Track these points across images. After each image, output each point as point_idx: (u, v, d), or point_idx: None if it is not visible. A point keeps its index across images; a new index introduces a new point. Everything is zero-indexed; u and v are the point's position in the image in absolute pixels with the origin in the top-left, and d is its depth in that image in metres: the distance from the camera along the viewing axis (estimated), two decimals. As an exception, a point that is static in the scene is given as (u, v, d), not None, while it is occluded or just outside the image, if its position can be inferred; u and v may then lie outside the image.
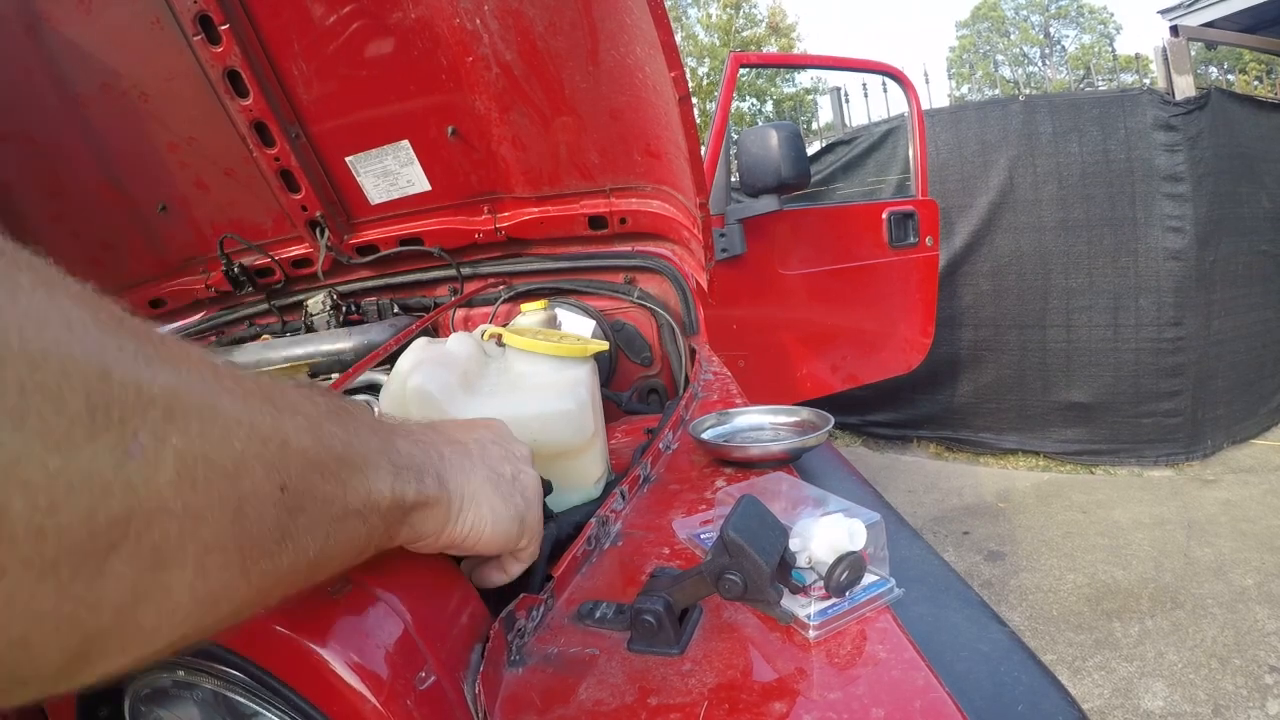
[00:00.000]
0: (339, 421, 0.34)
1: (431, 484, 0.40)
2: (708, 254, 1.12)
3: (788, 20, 17.65)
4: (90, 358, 0.21)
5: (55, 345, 0.20)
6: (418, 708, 0.38)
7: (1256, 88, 5.42)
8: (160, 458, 0.23)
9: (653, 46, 0.90)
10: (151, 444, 0.23)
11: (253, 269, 1.48)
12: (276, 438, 0.29)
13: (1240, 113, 3.42)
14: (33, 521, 0.19)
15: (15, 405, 0.19)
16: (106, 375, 0.22)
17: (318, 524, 0.31)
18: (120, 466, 0.21)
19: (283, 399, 0.31)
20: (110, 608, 0.22)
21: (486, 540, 0.44)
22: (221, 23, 1.10)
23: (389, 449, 0.38)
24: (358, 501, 0.34)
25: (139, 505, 0.22)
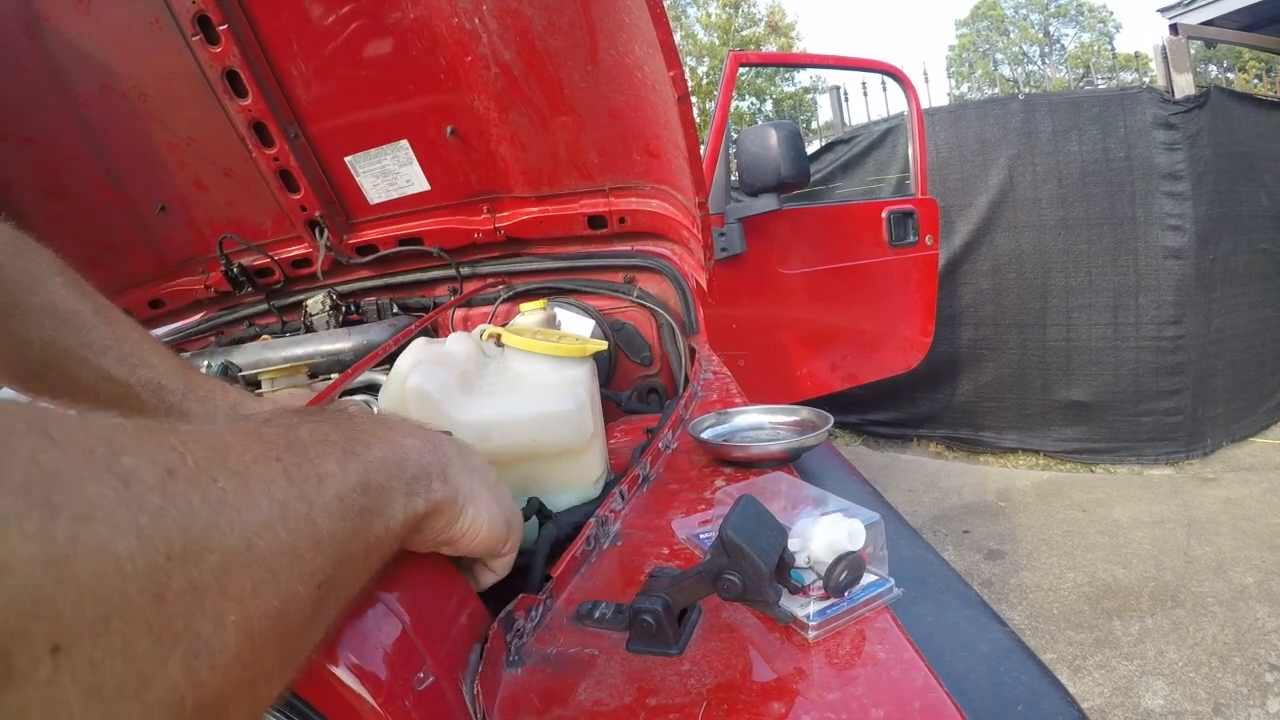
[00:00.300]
0: (355, 457, 0.35)
1: (439, 486, 0.41)
2: (707, 253, 1.12)
3: (787, 19, 17.65)
4: (143, 589, 0.21)
5: (114, 589, 0.20)
6: (416, 708, 0.38)
7: (1256, 86, 5.42)
8: (222, 640, 0.23)
9: (652, 46, 0.90)
10: (214, 633, 0.23)
11: (252, 269, 1.48)
12: (311, 544, 0.29)
13: (1240, 111, 3.42)
14: None
15: (91, 683, 0.19)
16: (161, 597, 0.21)
17: (346, 586, 0.32)
18: (190, 670, 0.22)
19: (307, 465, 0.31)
20: None
21: (480, 540, 0.45)
22: (220, 23, 1.10)
23: (401, 464, 0.38)
24: (377, 541, 0.35)
25: (207, 693, 0.22)
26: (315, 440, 0.34)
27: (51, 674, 0.18)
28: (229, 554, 0.24)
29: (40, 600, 0.18)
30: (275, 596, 0.26)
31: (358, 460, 0.35)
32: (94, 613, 0.19)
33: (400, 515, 0.37)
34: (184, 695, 0.21)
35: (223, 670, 0.23)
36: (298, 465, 0.31)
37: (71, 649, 0.18)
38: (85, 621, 0.19)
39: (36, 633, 0.18)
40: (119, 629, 0.20)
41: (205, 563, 0.23)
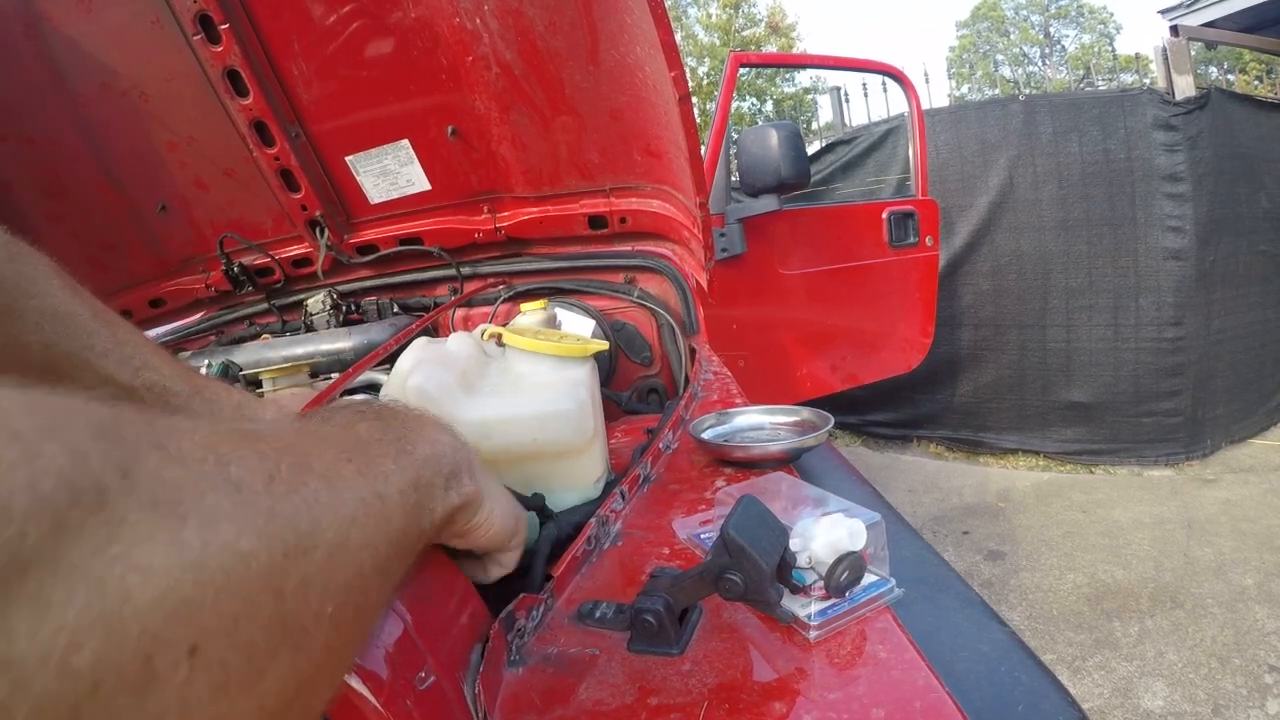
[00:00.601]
0: (407, 455, 0.37)
1: (468, 482, 0.43)
2: (708, 254, 1.12)
3: (787, 20, 17.65)
4: (266, 586, 0.22)
5: (246, 598, 0.21)
6: (417, 708, 0.38)
7: (1256, 87, 5.42)
8: (319, 633, 0.24)
9: (653, 46, 0.90)
10: (314, 626, 0.24)
11: (253, 269, 1.48)
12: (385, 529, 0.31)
13: (1240, 112, 3.42)
14: None
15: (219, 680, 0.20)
16: (280, 594, 0.22)
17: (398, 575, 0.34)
18: (294, 664, 0.23)
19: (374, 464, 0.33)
20: None
21: (493, 534, 0.46)
22: (221, 22, 1.10)
23: (441, 461, 0.41)
24: (422, 533, 0.37)
25: (304, 685, 0.24)
26: (374, 439, 0.36)
27: (188, 675, 0.19)
28: (331, 548, 0.26)
29: (181, 603, 0.19)
30: (360, 590, 0.28)
31: (409, 459, 0.37)
32: (227, 612, 0.20)
33: (440, 509, 0.39)
34: (285, 685, 0.23)
35: (315, 660, 0.24)
36: (367, 465, 0.33)
37: (206, 649, 0.19)
38: (219, 621, 0.20)
39: (177, 636, 0.18)
40: (245, 627, 0.21)
41: (313, 558, 0.25)
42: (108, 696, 0.17)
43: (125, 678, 0.17)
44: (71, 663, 0.16)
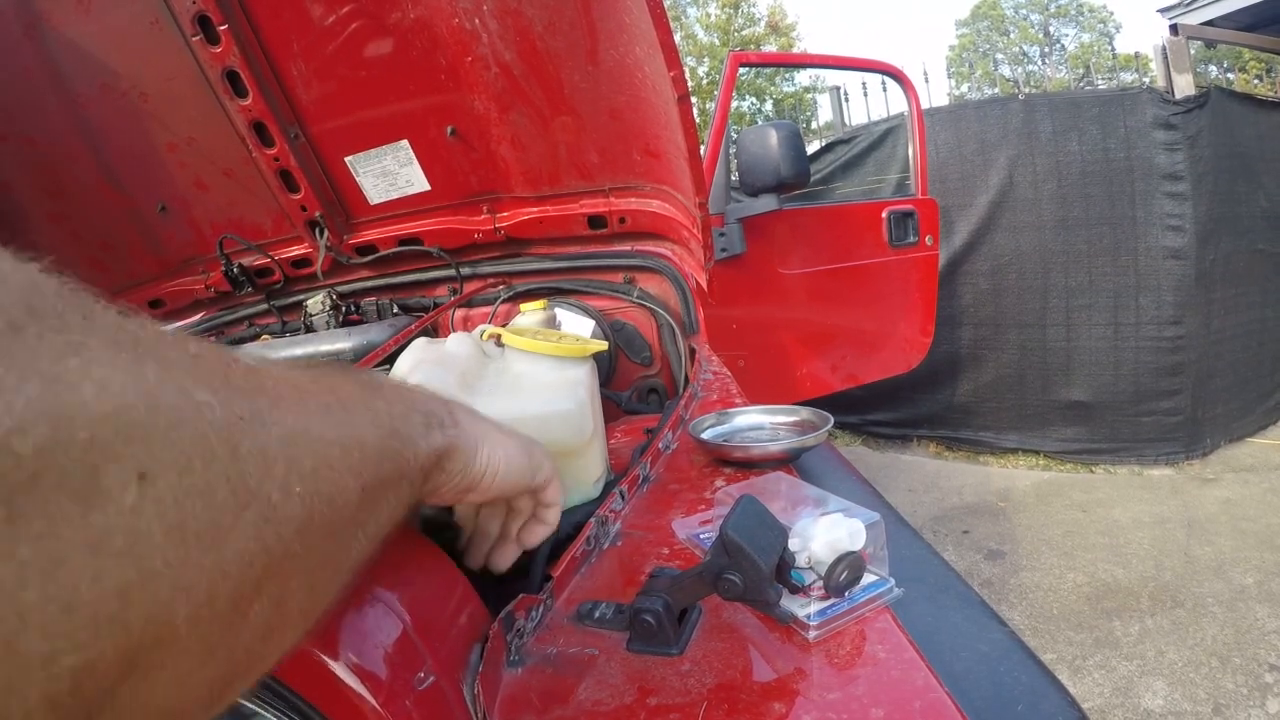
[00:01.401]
0: (380, 396, 0.36)
1: (451, 426, 0.42)
2: (707, 253, 1.12)
3: (787, 20, 17.65)
4: (223, 438, 0.22)
5: (196, 438, 0.21)
6: (416, 708, 0.38)
7: (1256, 86, 5.42)
8: (289, 511, 0.24)
9: (652, 46, 0.90)
10: (282, 500, 0.24)
11: (252, 269, 1.48)
12: (356, 443, 0.31)
13: (1240, 111, 3.42)
14: (193, 616, 0.20)
15: (174, 519, 0.19)
16: (237, 451, 0.22)
17: (383, 503, 0.34)
18: (260, 535, 0.23)
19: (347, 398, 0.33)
20: (245, 654, 0.24)
21: (503, 478, 0.45)
22: (220, 23, 1.10)
23: (418, 406, 0.40)
24: (408, 468, 0.36)
25: (273, 561, 0.24)
26: (333, 373, 0.36)
27: (137, 501, 0.18)
28: (291, 432, 0.26)
29: (132, 425, 0.19)
30: (330, 482, 0.28)
31: (376, 393, 0.36)
32: (180, 449, 0.20)
33: (423, 446, 0.38)
34: (254, 557, 0.22)
35: (287, 541, 0.24)
36: (330, 389, 0.32)
37: (157, 480, 0.19)
38: (171, 455, 0.20)
39: (126, 456, 0.18)
40: (200, 471, 0.21)
41: (271, 433, 0.24)
42: (47, 494, 0.17)
43: (68, 480, 0.17)
44: (13, 444, 0.16)
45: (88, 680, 0.17)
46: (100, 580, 0.17)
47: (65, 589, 0.17)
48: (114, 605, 0.18)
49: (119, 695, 0.19)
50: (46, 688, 0.16)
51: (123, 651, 0.18)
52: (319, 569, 0.28)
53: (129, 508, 0.18)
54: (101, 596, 0.17)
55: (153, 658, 0.19)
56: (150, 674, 0.20)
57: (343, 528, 0.29)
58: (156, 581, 0.19)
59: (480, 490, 0.44)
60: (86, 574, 0.17)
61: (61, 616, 0.16)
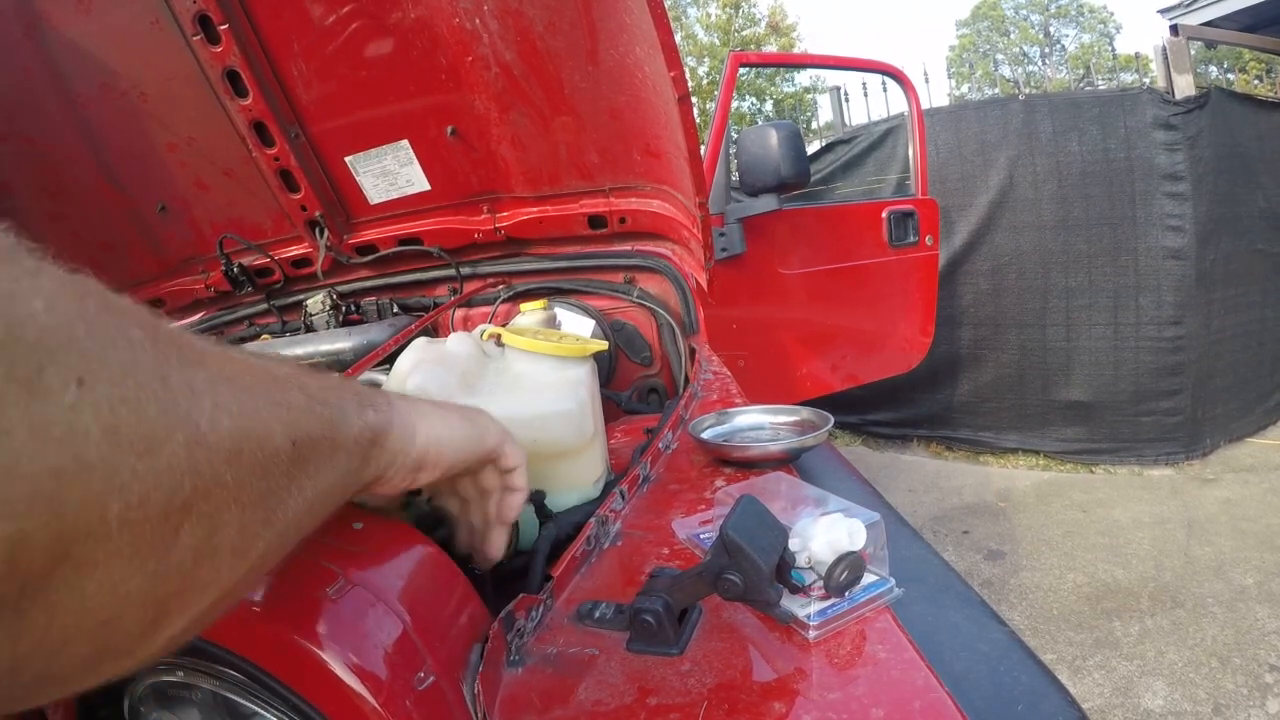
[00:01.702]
0: (310, 375, 0.38)
1: (385, 408, 0.42)
2: (707, 253, 1.12)
3: (788, 20, 17.65)
4: (152, 368, 0.24)
5: (129, 362, 0.23)
6: (417, 708, 0.38)
7: (1256, 86, 5.42)
8: (217, 439, 0.26)
9: (652, 46, 0.90)
10: (210, 429, 0.26)
11: (252, 269, 1.48)
12: (285, 402, 0.32)
13: (1240, 112, 3.42)
14: (125, 517, 0.22)
15: (109, 422, 0.22)
16: (166, 380, 0.25)
17: (318, 467, 0.34)
18: (191, 455, 0.25)
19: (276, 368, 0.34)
20: (177, 574, 0.25)
21: (451, 449, 0.46)
22: (221, 23, 1.10)
23: (350, 388, 0.41)
24: (341, 437, 0.37)
25: (202, 483, 0.25)
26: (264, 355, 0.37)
27: (75, 400, 0.21)
28: (217, 378, 0.28)
29: (74, 338, 0.21)
30: (259, 426, 0.29)
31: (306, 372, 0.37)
32: (114, 365, 0.22)
33: (355, 420, 0.38)
34: (184, 474, 0.24)
35: (216, 468, 0.26)
36: (258, 361, 0.34)
37: (94, 387, 0.21)
38: (106, 371, 0.22)
39: (67, 362, 0.21)
40: (132, 388, 0.23)
41: (198, 375, 0.27)
42: None
43: (16, 370, 0.19)
44: None
45: (22, 553, 0.19)
46: (39, 459, 0.19)
47: (7, 458, 0.19)
48: (50, 484, 0.19)
49: (53, 583, 0.20)
50: None
51: (56, 534, 0.20)
52: (251, 508, 0.29)
53: (68, 404, 0.20)
54: (39, 473, 0.19)
55: (86, 550, 0.21)
56: (84, 569, 0.21)
57: (275, 474, 0.30)
58: (90, 473, 0.21)
59: (430, 466, 0.45)
60: (26, 450, 0.19)
61: (2, 483, 0.18)
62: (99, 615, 0.22)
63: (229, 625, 0.40)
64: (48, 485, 0.19)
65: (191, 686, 0.43)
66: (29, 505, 0.19)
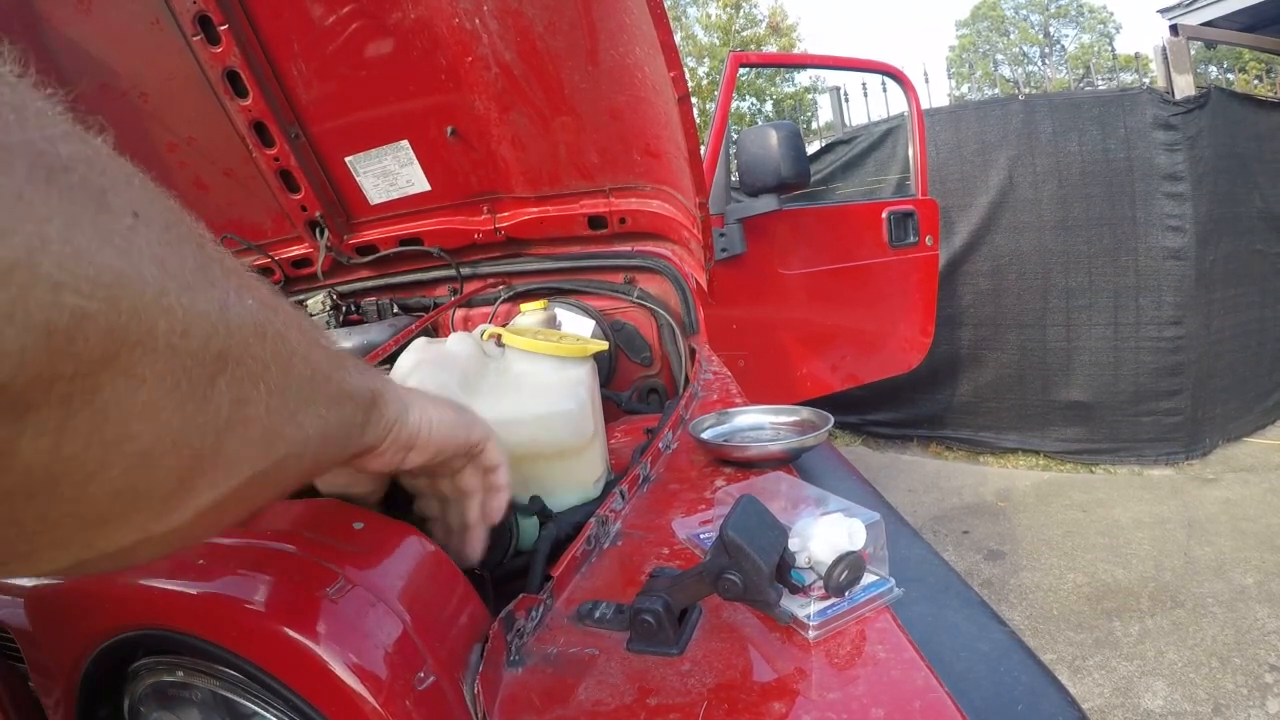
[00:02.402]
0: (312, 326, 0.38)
1: (381, 382, 0.43)
2: (707, 254, 1.12)
3: (788, 20, 17.64)
4: (191, 233, 0.27)
5: (174, 218, 0.26)
6: (417, 708, 0.38)
7: (1256, 86, 5.42)
8: (244, 312, 0.28)
9: (652, 46, 0.90)
10: (237, 301, 0.28)
11: (252, 269, 1.47)
12: (296, 319, 0.33)
13: (1240, 112, 3.42)
14: (170, 340, 0.23)
15: (158, 254, 0.23)
16: (203, 246, 0.27)
17: (329, 394, 0.36)
18: (223, 312, 0.26)
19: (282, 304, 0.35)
20: (212, 429, 0.26)
21: (440, 433, 0.46)
22: (221, 23, 1.10)
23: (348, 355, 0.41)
24: (345, 384, 0.38)
25: (235, 344, 0.27)
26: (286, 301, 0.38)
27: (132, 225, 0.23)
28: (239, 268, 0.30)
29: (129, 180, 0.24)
30: (277, 322, 0.30)
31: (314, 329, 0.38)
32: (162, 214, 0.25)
33: (356, 377, 0.39)
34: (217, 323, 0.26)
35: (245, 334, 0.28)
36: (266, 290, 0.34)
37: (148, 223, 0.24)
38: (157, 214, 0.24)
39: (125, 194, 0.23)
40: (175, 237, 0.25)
41: (226, 258, 0.29)
42: (74, 182, 0.21)
43: (89, 181, 0.21)
44: (58, 148, 0.21)
45: (80, 334, 0.20)
46: (103, 252, 0.21)
47: (77, 242, 0.20)
48: (110, 277, 0.21)
49: (103, 382, 0.22)
50: (49, 313, 0.19)
51: (112, 327, 0.21)
52: (275, 394, 0.30)
53: (127, 225, 0.23)
54: (103, 265, 0.21)
55: (135, 359, 0.22)
56: (132, 378, 0.22)
57: (295, 377, 0.32)
58: (143, 285, 0.22)
59: (421, 446, 0.45)
60: (93, 243, 0.21)
61: (72, 258, 0.20)
62: (138, 442, 0.23)
63: (229, 625, 0.40)
64: (108, 277, 0.21)
65: (191, 686, 0.43)
66: (92, 288, 0.21)
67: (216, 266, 0.27)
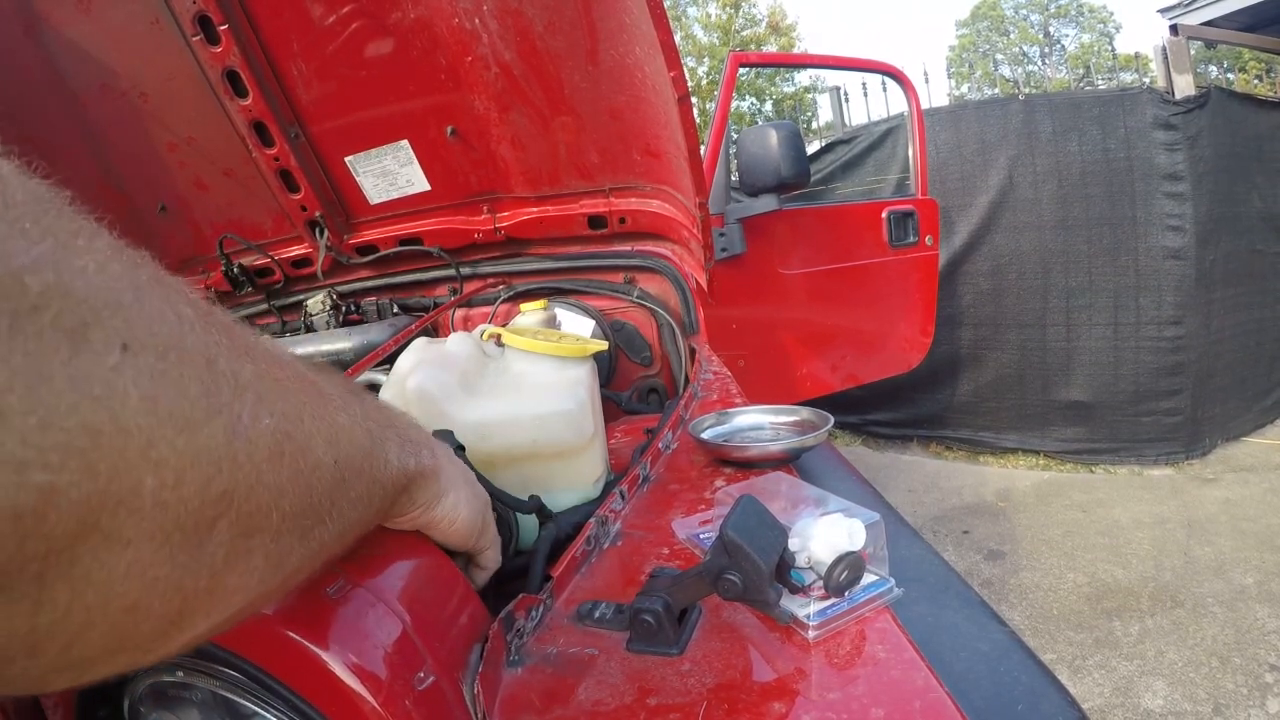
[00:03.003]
0: (359, 402, 0.37)
1: (428, 458, 0.42)
2: (707, 254, 1.12)
3: (787, 20, 17.64)
4: (199, 349, 0.24)
5: (175, 338, 0.23)
6: (416, 708, 0.38)
7: (1256, 86, 5.42)
8: (258, 435, 0.25)
9: (652, 46, 0.90)
10: (251, 423, 0.25)
11: (252, 269, 1.48)
12: (329, 418, 0.31)
13: (1240, 112, 3.42)
14: (159, 496, 0.21)
15: (149, 392, 0.21)
16: (213, 364, 0.24)
17: (355, 494, 0.34)
18: (230, 444, 0.24)
19: (324, 383, 0.34)
20: (208, 572, 0.24)
21: (457, 529, 0.46)
22: (220, 23, 1.10)
23: (396, 426, 0.40)
24: (378, 473, 0.36)
25: (242, 479, 0.25)
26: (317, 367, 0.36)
27: (118, 363, 0.20)
28: (261, 373, 0.27)
29: (121, 304, 0.21)
30: (300, 434, 0.28)
31: (358, 400, 0.36)
32: (160, 338, 0.22)
33: (395, 462, 0.38)
34: (221, 459, 0.23)
35: (256, 464, 0.25)
36: (311, 373, 0.33)
37: (137, 355, 0.21)
38: (151, 341, 0.22)
39: (112, 325, 0.21)
40: (175, 364, 0.22)
41: (245, 367, 0.26)
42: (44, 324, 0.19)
43: (61, 321, 0.19)
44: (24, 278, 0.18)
45: (52, 509, 0.18)
46: (76, 413, 0.19)
47: (44, 406, 0.18)
48: (85, 441, 0.19)
49: (80, 554, 0.20)
50: (15, 496, 0.17)
51: (87, 497, 0.19)
52: (291, 517, 0.28)
53: (110, 366, 0.20)
54: (76, 428, 0.19)
55: (117, 523, 0.20)
56: (113, 545, 0.20)
57: (318, 490, 0.29)
58: (127, 439, 0.20)
59: (434, 532, 0.45)
60: (65, 402, 0.19)
61: (37, 429, 0.18)
62: (123, 600, 0.22)
63: (229, 625, 0.40)
64: (83, 441, 0.19)
65: (191, 686, 0.43)
66: (62, 459, 0.18)
67: (228, 386, 0.25)
